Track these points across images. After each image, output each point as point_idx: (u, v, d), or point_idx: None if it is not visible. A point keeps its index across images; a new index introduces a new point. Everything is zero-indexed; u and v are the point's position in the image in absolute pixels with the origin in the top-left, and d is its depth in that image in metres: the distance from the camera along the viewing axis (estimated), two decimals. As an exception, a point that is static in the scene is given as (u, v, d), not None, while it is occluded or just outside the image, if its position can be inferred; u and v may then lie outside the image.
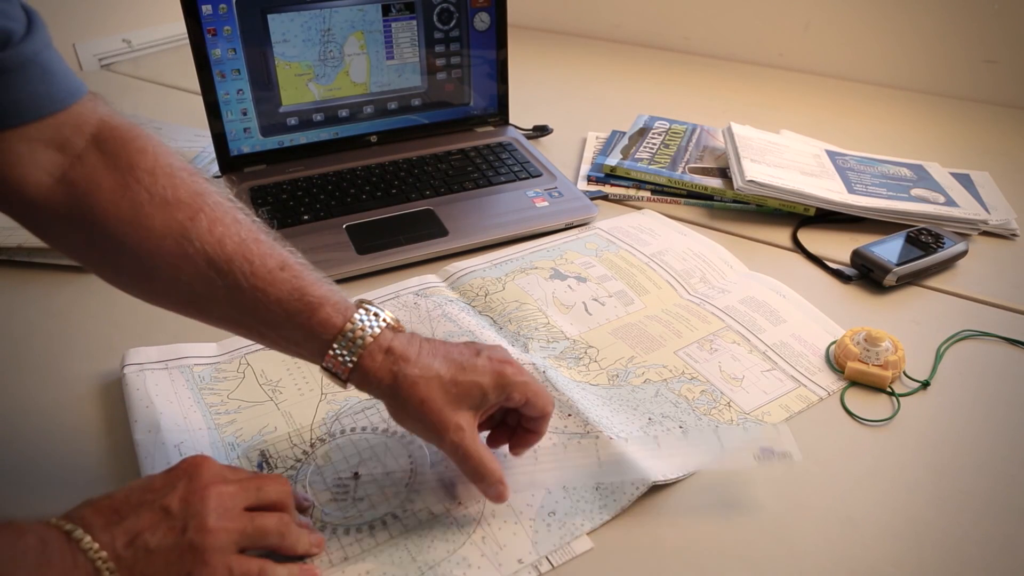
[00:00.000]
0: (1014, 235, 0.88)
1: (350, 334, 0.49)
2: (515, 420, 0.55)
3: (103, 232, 0.48)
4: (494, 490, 0.51)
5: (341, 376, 0.50)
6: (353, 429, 0.60)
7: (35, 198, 0.47)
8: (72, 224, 0.48)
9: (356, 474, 0.56)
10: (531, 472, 0.55)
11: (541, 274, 0.79)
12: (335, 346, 0.49)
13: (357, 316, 0.50)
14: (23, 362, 0.68)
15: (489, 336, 0.69)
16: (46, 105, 0.45)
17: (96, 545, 0.41)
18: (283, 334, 0.50)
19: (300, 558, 0.49)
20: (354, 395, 0.63)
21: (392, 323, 0.51)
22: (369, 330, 0.50)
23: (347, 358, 0.49)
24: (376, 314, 0.51)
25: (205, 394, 0.63)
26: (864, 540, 0.52)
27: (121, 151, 0.49)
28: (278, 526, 0.47)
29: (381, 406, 0.62)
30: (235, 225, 0.50)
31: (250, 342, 0.68)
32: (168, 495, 0.44)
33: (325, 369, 0.50)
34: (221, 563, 0.43)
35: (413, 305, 0.74)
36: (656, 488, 0.55)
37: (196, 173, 0.51)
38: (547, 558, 0.50)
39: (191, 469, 0.46)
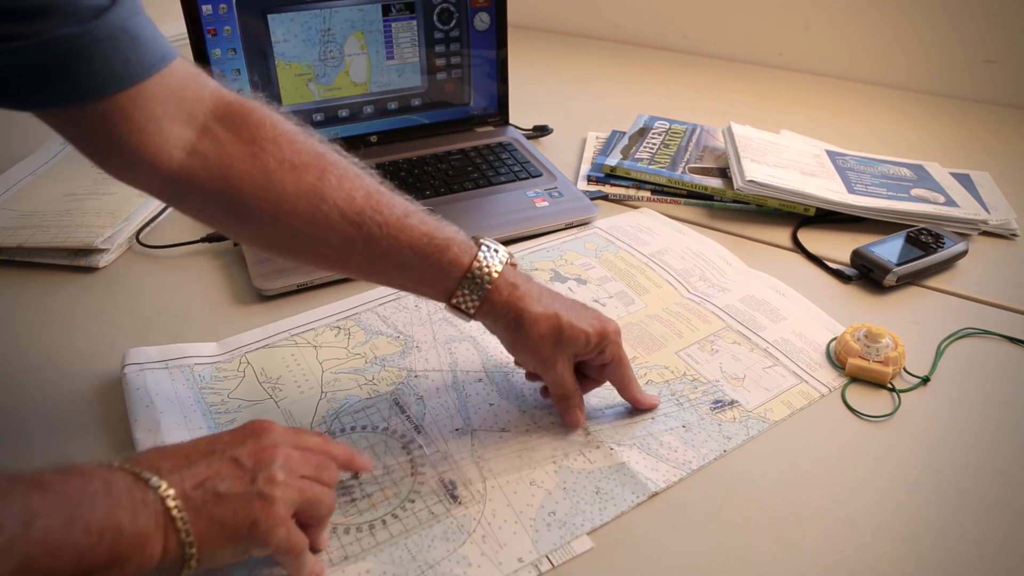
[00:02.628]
0: (1014, 235, 0.88)
1: (477, 271, 0.54)
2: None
3: (239, 201, 0.51)
4: (572, 412, 0.58)
5: (468, 312, 0.55)
6: (353, 428, 0.60)
7: (171, 173, 0.50)
8: (208, 195, 0.51)
9: (356, 474, 0.56)
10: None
11: (541, 276, 0.79)
12: (464, 283, 0.54)
13: (481, 254, 0.54)
14: (23, 362, 0.68)
15: (489, 340, 0.69)
16: (138, 71, 0.47)
17: (164, 484, 0.41)
18: (413, 276, 0.54)
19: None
20: (354, 393, 0.63)
21: (511, 258, 0.56)
22: (494, 266, 0.54)
23: (475, 295, 0.54)
24: (496, 250, 0.55)
25: (205, 393, 0.63)
26: (864, 540, 0.52)
27: (242, 124, 0.52)
28: (329, 505, 0.48)
29: (381, 405, 0.62)
30: (358, 179, 0.54)
31: (250, 341, 0.68)
32: (238, 448, 0.45)
33: (453, 306, 0.55)
34: (283, 518, 0.44)
35: (414, 307, 0.74)
36: (656, 488, 0.55)
37: (311, 134, 0.55)
38: (547, 557, 0.50)
39: (259, 430, 0.48)
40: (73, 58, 0.44)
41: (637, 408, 0.61)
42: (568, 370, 0.57)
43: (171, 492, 0.41)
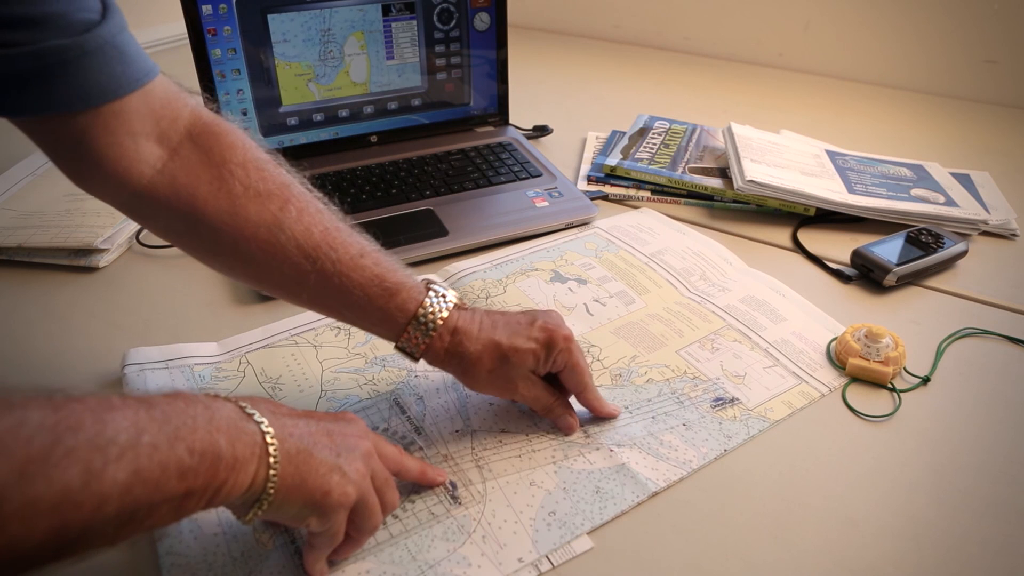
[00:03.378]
0: (1014, 235, 0.88)
1: (423, 318, 0.54)
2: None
3: (202, 221, 0.52)
4: (562, 420, 0.59)
5: (414, 356, 0.56)
6: (353, 429, 0.60)
7: (140, 189, 0.51)
8: (173, 213, 0.52)
9: None
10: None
11: (542, 276, 0.79)
12: (409, 329, 0.55)
13: (428, 300, 0.55)
14: (23, 362, 0.68)
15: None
16: (123, 85, 0.48)
17: (266, 420, 0.42)
18: (362, 315, 0.55)
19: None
20: (354, 393, 0.63)
21: (458, 303, 0.57)
22: (439, 313, 0.55)
23: (420, 340, 0.55)
24: (444, 296, 0.56)
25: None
26: (864, 540, 0.52)
27: (214, 145, 0.53)
28: (375, 523, 0.48)
29: (381, 405, 0.62)
30: (318, 214, 0.54)
31: (250, 341, 0.68)
32: (331, 425, 0.47)
33: (399, 348, 0.56)
34: (350, 500, 0.45)
35: (413, 305, 0.74)
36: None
37: (279, 165, 0.56)
38: (547, 557, 0.50)
39: (350, 419, 0.49)
40: (63, 68, 0.45)
41: (596, 415, 0.61)
42: (534, 387, 0.57)
43: (271, 430, 0.42)
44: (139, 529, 0.37)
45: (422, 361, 0.56)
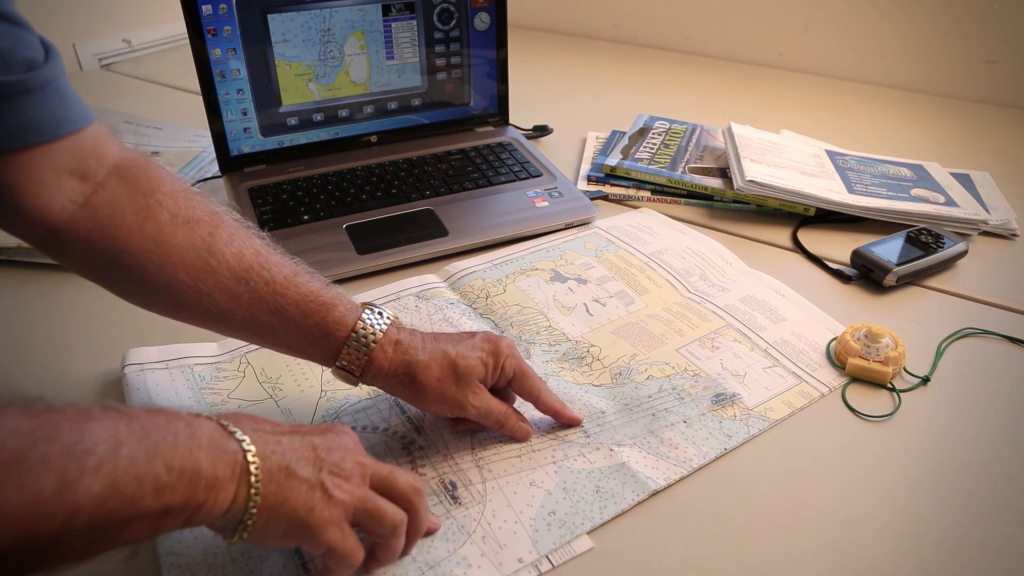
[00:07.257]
0: (1014, 235, 0.88)
1: (361, 331, 0.53)
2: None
3: (125, 252, 0.51)
4: (517, 431, 0.58)
5: (355, 373, 0.54)
6: (353, 428, 0.60)
7: (58, 224, 0.50)
8: (93, 245, 0.51)
9: None
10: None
11: (542, 276, 0.79)
12: (349, 343, 0.53)
13: (365, 315, 0.54)
14: (23, 362, 0.68)
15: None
16: (63, 126, 0.49)
17: (248, 438, 0.42)
18: (299, 334, 0.54)
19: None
20: (354, 394, 0.63)
21: (394, 320, 0.55)
22: (378, 327, 0.54)
23: (361, 354, 0.53)
24: (380, 313, 0.55)
25: (205, 394, 0.63)
26: (864, 540, 0.52)
27: (142, 177, 0.53)
28: (394, 520, 0.46)
29: (382, 405, 0.62)
30: (249, 239, 0.54)
31: (250, 342, 0.68)
32: (316, 437, 0.46)
33: (339, 368, 0.54)
34: (339, 517, 0.44)
35: (414, 308, 0.74)
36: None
37: (207, 197, 0.55)
38: (547, 557, 0.50)
39: (339, 431, 0.48)
40: (2, 104, 0.45)
41: (558, 421, 0.60)
42: (484, 400, 0.55)
43: (252, 448, 0.41)
44: (112, 544, 0.36)
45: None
